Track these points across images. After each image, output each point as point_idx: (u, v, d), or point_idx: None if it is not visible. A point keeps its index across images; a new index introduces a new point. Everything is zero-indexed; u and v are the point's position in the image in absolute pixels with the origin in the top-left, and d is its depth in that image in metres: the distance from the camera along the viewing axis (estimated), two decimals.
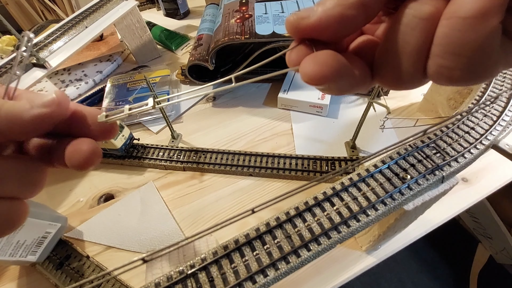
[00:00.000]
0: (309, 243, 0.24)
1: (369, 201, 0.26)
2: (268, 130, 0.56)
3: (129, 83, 0.64)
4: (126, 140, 0.49)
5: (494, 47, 0.11)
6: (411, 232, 0.40)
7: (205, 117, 0.60)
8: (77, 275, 0.38)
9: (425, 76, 0.13)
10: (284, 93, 0.58)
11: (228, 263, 0.24)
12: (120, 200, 0.46)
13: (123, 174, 0.50)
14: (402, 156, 0.29)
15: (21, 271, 0.39)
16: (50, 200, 0.47)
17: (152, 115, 0.58)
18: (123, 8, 0.65)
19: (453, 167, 0.28)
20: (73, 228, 0.43)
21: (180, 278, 0.23)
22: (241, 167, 0.48)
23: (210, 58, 0.57)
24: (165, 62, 0.75)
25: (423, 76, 0.13)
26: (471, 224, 0.93)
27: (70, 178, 0.50)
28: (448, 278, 0.98)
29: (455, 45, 0.11)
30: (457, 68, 0.11)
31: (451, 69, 0.11)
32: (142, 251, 0.41)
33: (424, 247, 1.05)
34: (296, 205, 0.26)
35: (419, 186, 0.27)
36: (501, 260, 0.89)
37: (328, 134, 0.54)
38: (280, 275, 0.23)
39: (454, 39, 0.11)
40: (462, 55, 0.11)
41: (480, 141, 0.30)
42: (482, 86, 0.36)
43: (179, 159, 0.50)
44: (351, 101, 0.60)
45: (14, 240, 0.33)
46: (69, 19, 0.62)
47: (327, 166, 0.47)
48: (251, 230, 0.25)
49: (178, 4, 0.89)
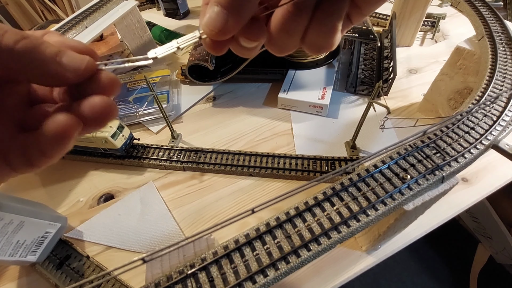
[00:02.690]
0: (309, 243, 0.24)
1: (369, 201, 0.26)
2: (268, 130, 0.56)
3: (129, 83, 0.64)
4: (126, 140, 0.49)
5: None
6: (411, 232, 0.40)
7: (205, 117, 0.60)
8: (77, 275, 0.38)
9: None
10: (284, 93, 0.58)
11: (228, 263, 0.24)
12: (120, 200, 0.46)
13: (123, 174, 0.50)
14: (402, 156, 0.29)
15: (21, 271, 0.39)
16: (50, 200, 0.47)
17: (152, 115, 0.58)
18: (123, 8, 0.65)
19: (453, 167, 0.28)
20: (73, 228, 0.43)
21: (180, 278, 0.23)
22: (241, 167, 0.48)
23: (210, 58, 0.57)
24: (165, 62, 0.75)
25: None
26: (471, 224, 0.93)
27: (70, 178, 0.50)
28: (448, 278, 0.98)
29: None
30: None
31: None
32: (142, 251, 0.41)
33: (424, 247, 1.05)
34: (296, 205, 0.26)
35: (419, 186, 0.27)
36: (501, 260, 0.89)
37: (328, 134, 0.54)
38: (280, 275, 0.23)
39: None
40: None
41: (480, 141, 0.30)
42: (482, 86, 0.36)
43: (179, 159, 0.50)
44: (351, 101, 0.60)
45: (14, 240, 0.33)
46: (69, 19, 0.62)
47: (327, 166, 0.47)
48: (251, 230, 0.25)
49: (178, 4, 0.89)
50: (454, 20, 0.79)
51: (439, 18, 0.73)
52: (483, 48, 0.42)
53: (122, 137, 0.48)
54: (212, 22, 0.14)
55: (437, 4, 0.84)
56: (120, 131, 0.48)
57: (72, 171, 0.51)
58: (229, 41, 0.16)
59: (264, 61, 0.63)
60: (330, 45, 0.16)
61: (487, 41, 0.43)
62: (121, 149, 0.49)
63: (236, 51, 0.17)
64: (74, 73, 0.14)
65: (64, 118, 0.14)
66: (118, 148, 0.48)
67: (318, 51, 0.17)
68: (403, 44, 0.72)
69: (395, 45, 0.60)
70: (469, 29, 0.51)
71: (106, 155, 0.50)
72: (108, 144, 0.47)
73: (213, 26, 0.15)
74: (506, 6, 0.99)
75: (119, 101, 0.60)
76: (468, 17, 0.53)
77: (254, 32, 0.16)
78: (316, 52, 0.17)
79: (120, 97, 0.61)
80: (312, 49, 0.17)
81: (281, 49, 0.17)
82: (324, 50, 0.17)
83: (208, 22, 0.15)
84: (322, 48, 0.16)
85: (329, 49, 0.16)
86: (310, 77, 0.61)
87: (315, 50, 0.17)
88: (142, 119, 0.58)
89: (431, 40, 0.74)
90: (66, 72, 0.14)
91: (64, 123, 0.14)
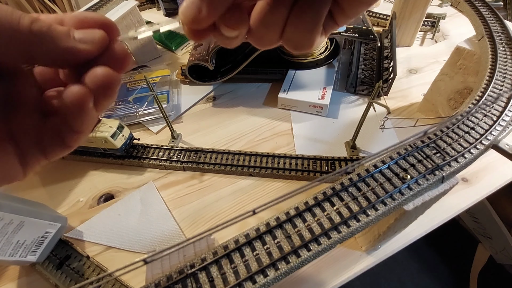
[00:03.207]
0: (309, 243, 0.24)
1: (369, 201, 0.26)
2: (268, 130, 0.56)
3: (129, 83, 0.64)
4: (126, 140, 0.49)
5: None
6: (411, 232, 0.40)
7: (205, 117, 0.60)
8: (77, 275, 0.38)
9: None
10: (284, 93, 0.58)
11: (228, 263, 0.24)
12: (120, 200, 0.46)
13: (123, 174, 0.50)
14: (402, 156, 0.29)
15: (21, 271, 0.39)
16: (50, 200, 0.47)
17: (152, 115, 0.58)
18: (123, 8, 0.65)
19: (453, 167, 0.28)
20: (73, 228, 0.43)
21: (180, 278, 0.23)
22: (241, 167, 0.48)
23: (210, 58, 0.57)
24: (165, 62, 0.75)
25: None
26: (471, 224, 0.93)
27: (70, 178, 0.50)
28: (448, 278, 0.98)
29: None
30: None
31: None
32: (142, 251, 0.41)
33: (424, 247, 1.05)
34: (296, 205, 0.26)
35: (419, 186, 0.27)
36: (501, 260, 0.89)
37: (328, 134, 0.54)
38: (280, 275, 0.23)
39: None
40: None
41: (480, 141, 0.30)
42: (482, 86, 0.36)
43: (179, 159, 0.50)
44: (351, 101, 0.60)
45: (14, 240, 0.33)
46: None
47: (327, 166, 0.47)
48: (251, 230, 0.25)
49: (178, 4, 0.89)
50: (454, 20, 0.79)
51: (439, 18, 0.73)
52: (483, 48, 0.42)
53: (122, 137, 0.48)
54: (187, 10, 0.15)
55: (437, 4, 0.84)
56: (120, 131, 0.48)
57: (72, 171, 0.51)
58: (209, 29, 0.16)
59: (264, 61, 0.63)
60: (309, 43, 0.16)
61: (487, 41, 0.43)
62: (121, 149, 0.49)
63: (218, 40, 0.17)
64: (88, 46, 0.15)
65: (76, 88, 0.15)
66: (118, 148, 0.48)
67: (296, 49, 0.17)
68: (403, 44, 0.72)
69: (395, 45, 0.60)
70: (469, 29, 0.51)
71: (106, 155, 0.50)
72: (108, 144, 0.47)
73: (188, 14, 0.15)
74: (506, 6, 0.99)
75: (119, 101, 0.60)
76: (468, 17, 0.53)
77: (234, 21, 0.15)
78: (295, 50, 0.17)
79: (120, 97, 0.61)
80: (290, 46, 0.17)
81: (260, 42, 0.17)
82: (303, 48, 0.16)
83: (184, 10, 0.15)
84: (301, 46, 0.16)
85: (308, 48, 0.16)
86: (310, 77, 0.61)
87: (293, 47, 0.16)
88: (142, 119, 0.58)
89: (431, 40, 0.74)
90: (78, 45, 0.14)
91: (77, 91, 0.15)
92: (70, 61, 0.15)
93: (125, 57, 0.16)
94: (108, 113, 0.58)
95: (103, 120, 0.48)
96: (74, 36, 0.14)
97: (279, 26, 0.15)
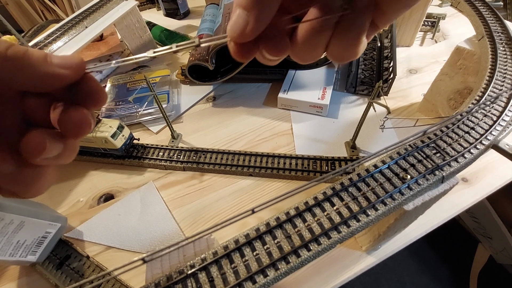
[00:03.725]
0: (309, 243, 0.24)
1: (369, 201, 0.26)
2: (268, 130, 0.56)
3: (129, 83, 0.64)
4: (126, 140, 0.49)
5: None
6: (411, 232, 0.40)
7: (205, 117, 0.60)
8: (77, 275, 0.38)
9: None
10: (284, 93, 0.58)
11: (228, 263, 0.24)
12: (120, 200, 0.46)
13: (123, 174, 0.50)
14: (402, 156, 0.29)
15: (21, 271, 0.39)
16: (50, 200, 0.47)
17: (152, 115, 0.58)
18: (123, 8, 0.65)
19: (453, 167, 0.28)
20: (73, 228, 0.43)
21: (180, 278, 0.23)
22: (241, 167, 0.48)
23: (210, 58, 0.57)
24: (165, 62, 0.75)
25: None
26: (471, 224, 0.93)
27: (70, 178, 0.50)
28: (448, 278, 0.98)
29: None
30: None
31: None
32: (142, 251, 0.41)
33: (424, 247, 1.05)
34: (296, 205, 0.26)
35: (419, 186, 0.27)
36: (501, 260, 0.89)
37: (328, 134, 0.54)
38: (280, 275, 0.23)
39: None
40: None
41: (480, 141, 0.30)
42: (482, 86, 0.36)
43: (179, 159, 0.50)
44: (351, 101, 0.60)
45: (14, 240, 0.33)
46: (69, 19, 0.62)
47: (327, 166, 0.47)
48: (251, 230, 0.25)
49: (178, 4, 0.89)
50: (454, 20, 0.79)
51: (439, 18, 0.73)
52: (483, 48, 0.42)
53: (122, 137, 0.48)
54: (235, 24, 0.15)
55: (437, 4, 0.84)
56: (120, 131, 0.48)
57: (72, 171, 0.51)
58: (254, 50, 0.16)
59: None
60: (354, 55, 0.16)
61: (487, 41, 0.43)
62: (121, 149, 0.49)
63: (260, 60, 0.18)
64: (66, 70, 0.15)
65: (37, 134, 0.15)
66: (118, 148, 0.48)
67: (341, 61, 0.17)
68: (403, 44, 0.72)
69: (395, 45, 0.60)
70: (469, 29, 0.51)
71: (106, 155, 0.50)
72: (108, 144, 0.47)
73: (236, 27, 0.15)
74: (506, 6, 0.99)
75: (119, 101, 0.60)
76: (468, 17, 0.53)
77: (277, 46, 0.16)
78: (340, 62, 0.18)
79: (120, 97, 0.61)
80: (335, 59, 0.17)
81: (304, 60, 0.17)
82: (348, 60, 0.17)
83: (232, 25, 0.15)
84: (346, 58, 0.17)
85: (352, 58, 0.17)
86: (310, 77, 0.61)
87: (338, 60, 0.17)
88: (142, 119, 0.58)
89: (431, 40, 0.74)
90: (56, 70, 0.14)
91: (36, 140, 0.15)
92: (50, 86, 0.15)
93: (100, 90, 0.17)
94: (108, 113, 0.58)
95: (103, 120, 0.48)
96: (52, 61, 0.14)
97: (323, 46, 0.16)
